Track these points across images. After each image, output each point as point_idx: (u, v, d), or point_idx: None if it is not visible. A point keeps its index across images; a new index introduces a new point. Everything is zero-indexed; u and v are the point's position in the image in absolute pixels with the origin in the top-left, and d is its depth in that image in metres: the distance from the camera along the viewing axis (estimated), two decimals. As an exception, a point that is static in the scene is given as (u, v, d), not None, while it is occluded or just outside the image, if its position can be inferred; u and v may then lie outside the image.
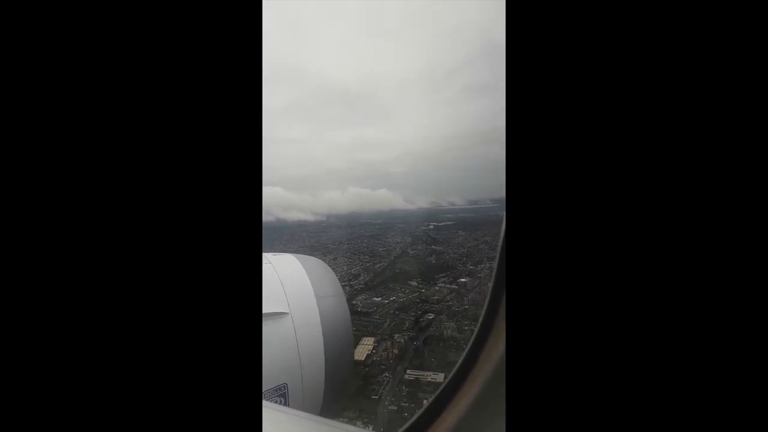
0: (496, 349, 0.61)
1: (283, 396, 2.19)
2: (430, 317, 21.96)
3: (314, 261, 2.69)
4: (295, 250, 2.83)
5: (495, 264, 0.63)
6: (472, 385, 0.63)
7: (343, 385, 2.54)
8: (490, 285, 0.63)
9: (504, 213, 0.60)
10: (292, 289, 2.39)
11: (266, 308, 2.22)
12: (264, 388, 2.11)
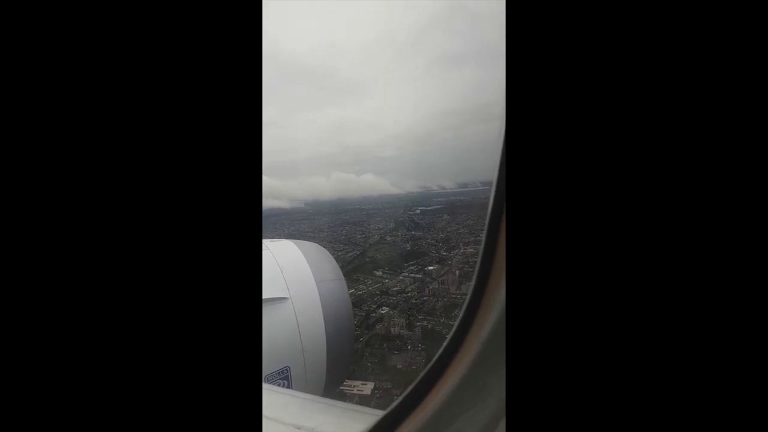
0: (477, 339, 0.60)
1: (286, 379, 2.23)
2: (383, 312, 20.66)
3: (312, 246, 2.71)
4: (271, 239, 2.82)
5: (481, 248, 0.61)
6: (455, 371, 0.62)
7: (345, 367, 2.60)
8: (476, 270, 0.60)
9: (490, 196, 0.59)
10: (291, 275, 2.41)
11: (266, 294, 2.23)
12: (267, 371, 2.13)
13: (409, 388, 0.66)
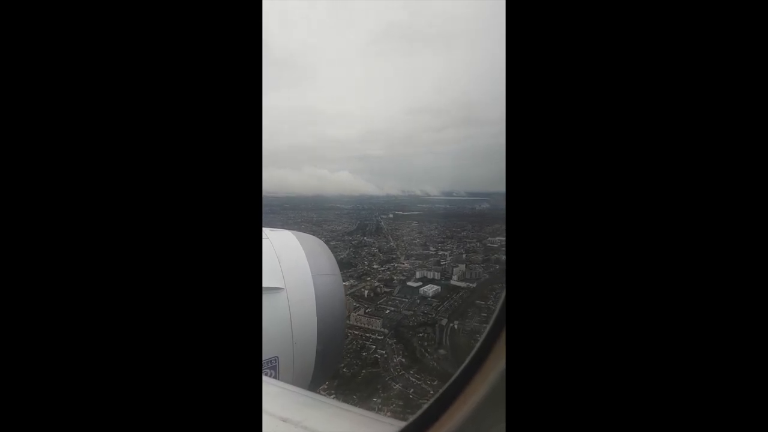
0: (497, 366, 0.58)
1: (273, 369, 2.22)
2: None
3: (311, 239, 2.71)
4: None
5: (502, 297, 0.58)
6: (470, 397, 0.61)
7: (333, 362, 2.62)
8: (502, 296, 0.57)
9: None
10: (288, 265, 2.39)
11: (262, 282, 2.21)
12: None
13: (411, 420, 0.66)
